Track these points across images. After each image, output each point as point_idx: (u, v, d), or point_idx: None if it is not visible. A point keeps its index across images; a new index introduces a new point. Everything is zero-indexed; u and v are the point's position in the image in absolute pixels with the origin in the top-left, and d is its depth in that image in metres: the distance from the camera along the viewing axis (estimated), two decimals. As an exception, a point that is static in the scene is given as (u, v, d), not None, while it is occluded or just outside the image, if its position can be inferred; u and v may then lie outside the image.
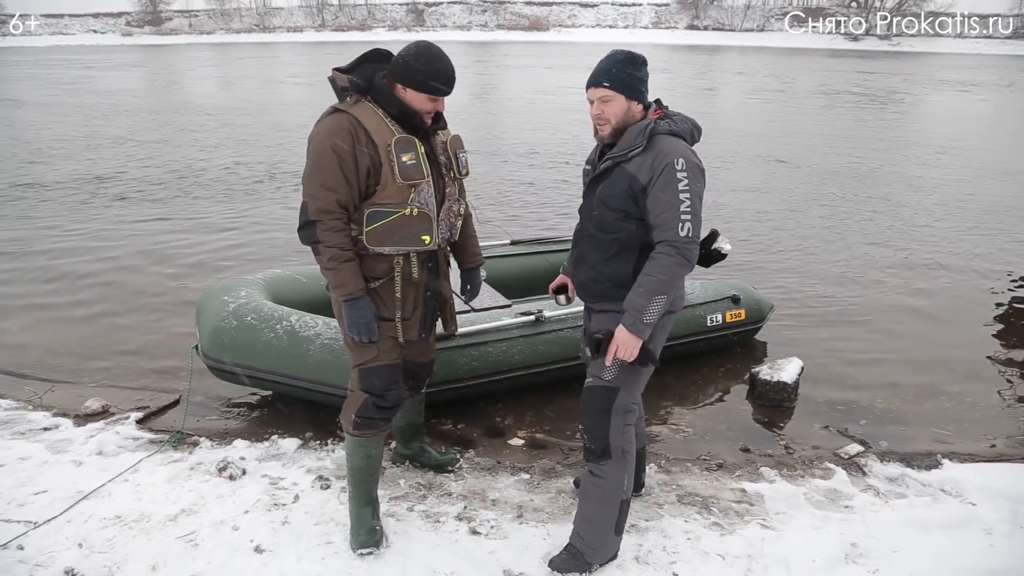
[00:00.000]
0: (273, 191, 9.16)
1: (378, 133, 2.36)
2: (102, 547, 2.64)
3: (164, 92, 22.44)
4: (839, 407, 4.02)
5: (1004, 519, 2.90)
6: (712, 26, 64.40)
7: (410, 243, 2.45)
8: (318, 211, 2.34)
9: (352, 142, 2.32)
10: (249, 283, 3.89)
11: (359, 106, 2.39)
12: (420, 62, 2.39)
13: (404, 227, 2.41)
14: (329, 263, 2.38)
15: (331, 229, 2.35)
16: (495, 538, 2.75)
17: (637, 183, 2.27)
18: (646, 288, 2.24)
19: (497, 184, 9.54)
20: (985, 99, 21.95)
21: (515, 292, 4.44)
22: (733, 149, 12.29)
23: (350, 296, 2.40)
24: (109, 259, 6.44)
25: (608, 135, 2.38)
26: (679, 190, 2.21)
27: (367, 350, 2.53)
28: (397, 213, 2.39)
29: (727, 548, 2.72)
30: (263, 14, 69.08)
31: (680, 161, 2.22)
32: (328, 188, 2.32)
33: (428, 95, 2.41)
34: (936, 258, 6.74)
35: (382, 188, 2.37)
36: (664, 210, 2.22)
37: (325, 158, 2.32)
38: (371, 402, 2.56)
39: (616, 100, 2.33)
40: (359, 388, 2.57)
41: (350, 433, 2.61)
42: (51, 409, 3.81)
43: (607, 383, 2.44)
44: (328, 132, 2.34)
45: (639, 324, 2.25)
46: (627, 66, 2.33)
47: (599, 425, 2.46)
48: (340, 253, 2.37)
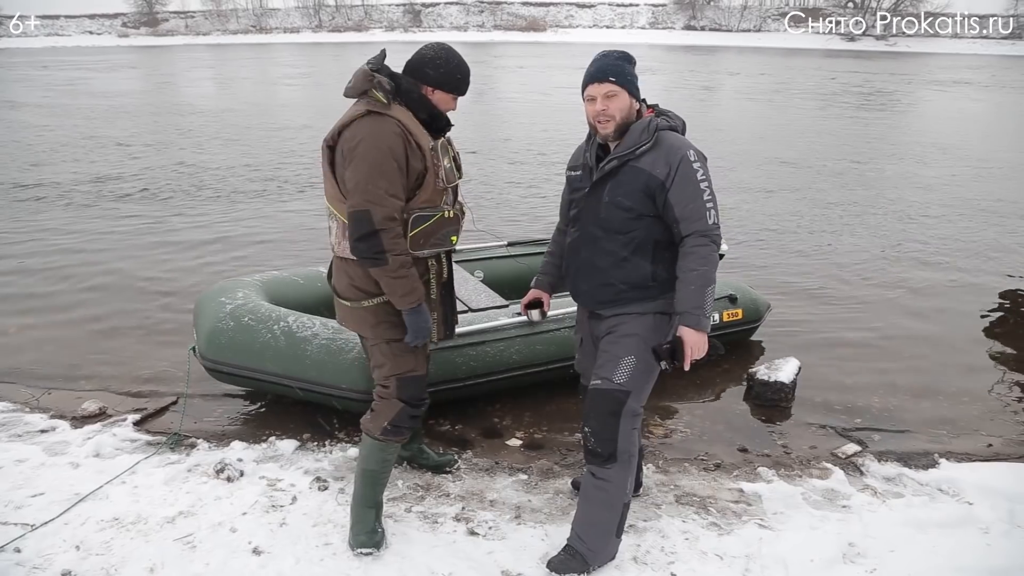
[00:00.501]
0: (272, 192, 9.15)
1: (421, 137, 2.35)
2: (100, 549, 2.63)
3: (161, 93, 22.41)
4: (836, 407, 4.03)
5: (1001, 518, 2.91)
6: (709, 26, 64.50)
7: (443, 244, 2.47)
8: (386, 219, 2.26)
9: (405, 147, 2.30)
10: (246, 284, 3.89)
11: (397, 110, 2.34)
12: (451, 64, 2.42)
13: (441, 229, 2.43)
14: (400, 271, 2.32)
15: (397, 236, 2.30)
16: (493, 539, 2.75)
17: (654, 180, 2.28)
18: (696, 284, 2.26)
19: (494, 185, 9.54)
20: (983, 99, 22.01)
21: (512, 292, 4.44)
22: (729, 148, 12.31)
23: (419, 302, 2.38)
24: (106, 261, 6.43)
25: (612, 132, 2.36)
26: (699, 180, 2.28)
27: (407, 359, 2.52)
28: (437, 215, 2.41)
29: (725, 548, 2.72)
30: (259, 15, 69.04)
31: (692, 153, 2.29)
32: (392, 195, 2.27)
33: (456, 95, 2.46)
34: (934, 257, 6.77)
35: (422, 192, 2.37)
36: (690, 202, 2.27)
37: (387, 164, 2.25)
38: (407, 412, 2.56)
39: (621, 96, 2.32)
40: (396, 396, 2.55)
41: (375, 438, 2.59)
42: (48, 411, 3.81)
43: (619, 386, 2.41)
44: (381, 137, 2.27)
45: (702, 320, 2.27)
46: (627, 63, 2.36)
47: (607, 428, 2.43)
48: (407, 260, 2.34)
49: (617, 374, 2.40)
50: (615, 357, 2.43)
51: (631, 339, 2.42)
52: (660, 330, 2.42)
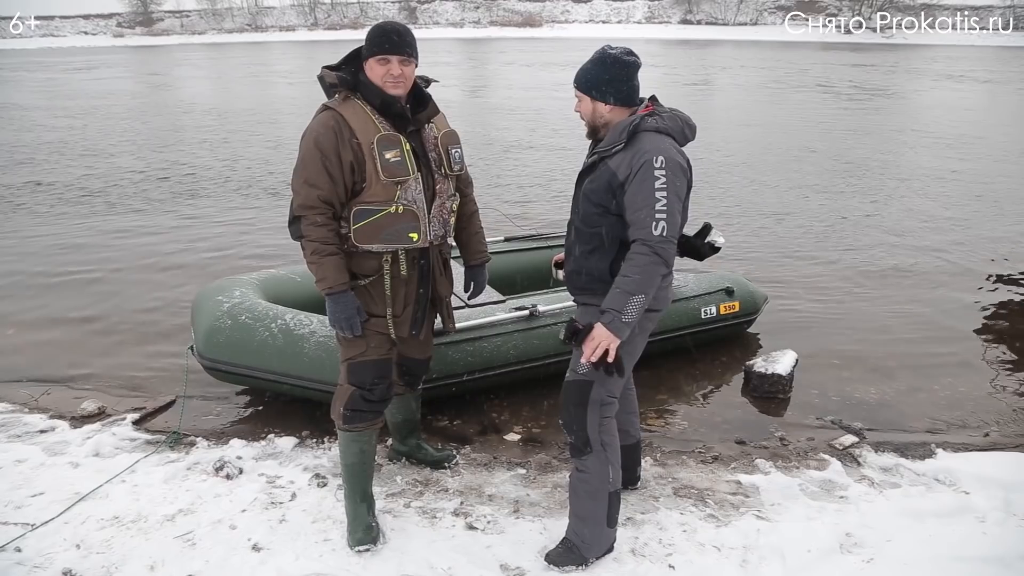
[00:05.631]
0: (267, 191, 9.15)
1: (363, 131, 2.37)
2: (100, 548, 2.64)
3: (156, 93, 22.36)
4: (833, 398, 4.04)
5: (997, 507, 2.92)
6: (706, 20, 64.41)
7: (398, 240, 2.46)
8: (301, 207, 2.40)
9: (335, 139, 2.35)
10: (244, 283, 3.90)
11: (347, 103, 2.41)
12: (371, 32, 2.43)
13: (390, 225, 2.43)
14: (312, 257, 2.42)
15: (313, 224, 2.39)
16: (492, 533, 2.76)
17: (616, 179, 2.27)
18: (623, 288, 2.23)
19: (490, 181, 9.53)
20: (982, 89, 21.98)
21: (509, 288, 4.45)
22: (728, 140, 12.31)
23: (331, 290, 2.43)
24: (104, 260, 6.43)
25: (586, 131, 2.47)
26: (655, 188, 2.19)
27: (356, 345, 2.55)
28: (382, 211, 2.41)
29: (723, 540, 2.73)
30: (255, 14, 68.89)
31: (659, 159, 2.20)
32: (311, 184, 2.37)
33: (379, 57, 2.39)
34: (931, 248, 6.77)
35: (368, 186, 2.39)
36: (639, 208, 2.21)
37: (309, 155, 2.37)
38: (358, 395, 2.58)
39: (584, 100, 2.41)
40: (347, 381, 2.60)
41: (341, 428, 2.63)
42: (47, 411, 3.82)
43: (581, 377, 2.46)
44: (313, 130, 2.39)
45: (617, 322, 2.23)
46: (593, 67, 2.37)
47: (576, 419, 2.48)
48: (322, 247, 2.40)
49: (581, 364, 2.43)
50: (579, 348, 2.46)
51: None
52: None
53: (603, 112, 2.38)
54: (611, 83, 2.35)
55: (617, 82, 2.35)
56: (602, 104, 2.37)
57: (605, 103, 2.37)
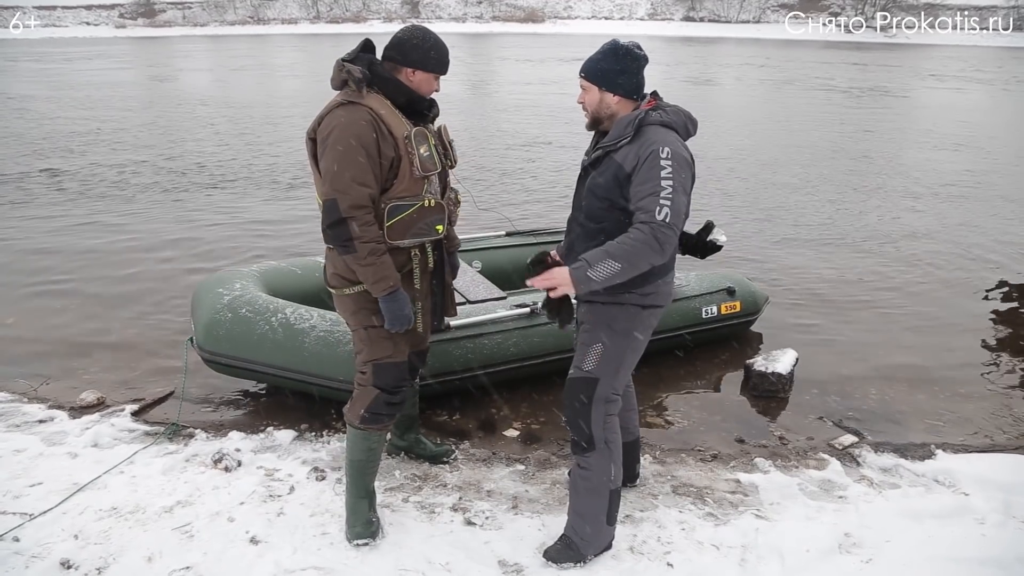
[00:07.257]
0: (269, 183, 9.12)
1: (395, 125, 2.36)
2: (98, 538, 2.64)
3: (159, 84, 22.30)
4: (833, 398, 4.04)
5: (996, 509, 2.93)
6: (708, 17, 64.27)
7: (426, 233, 2.47)
8: (352, 207, 2.29)
9: (375, 135, 2.31)
10: (244, 275, 3.89)
11: (371, 97, 2.36)
12: (428, 43, 2.41)
13: (422, 218, 2.43)
14: (368, 259, 2.34)
15: (366, 224, 2.32)
16: (490, 529, 2.76)
17: (622, 171, 2.27)
18: (606, 248, 2.20)
19: (492, 175, 9.51)
20: (983, 90, 21.95)
21: (511, 284, 4.43)
22: (729, 140, 12.29)
23: (392, 288, 2.40)
24: (104, 251, 6.42)
25: (588, 123, 2.46)
26: (661, 177, 2.19)
27: (383, 346, 2.52)
28: (416, 205, 2.41)
29: (721, 538, 2.73)
30: (257, 6, 68.67)
31: (666, 150, 2.21)
32: (360, 183, 2.29)
33: (436, 75, 2.44)
34: (932, 249, 6.76)
35: (400, 180, 2.37)
36: (644, 195, 2.21)
37: (352, 152, 2.28)
38: (383, 399, 2.56)
39: (592, 91, 2.39)
40: (372, 384, 2.56)
41: (355, 427, 2.60)
42: (46, 401, 3.81)
43: (587, 373, 2.45)
44: (349, 126, 2.29)
45: (582, 273, 2.20)
46: (604, 57, 2.37)
47: (580, 416, 2.48)
48: (378, 247, 2.35)
49: (586, 362, 2.44)
50: (583, 345, 2.48)
51: (598, 327, 2.45)
52: (626, 319, 2.41)
53: (610, 103, 2.38)
54: (622, 74, 2.35)
55: (627, 74, 2.35)
56: (610, 95, 2.37)
57: (614, 94, 2.36)
